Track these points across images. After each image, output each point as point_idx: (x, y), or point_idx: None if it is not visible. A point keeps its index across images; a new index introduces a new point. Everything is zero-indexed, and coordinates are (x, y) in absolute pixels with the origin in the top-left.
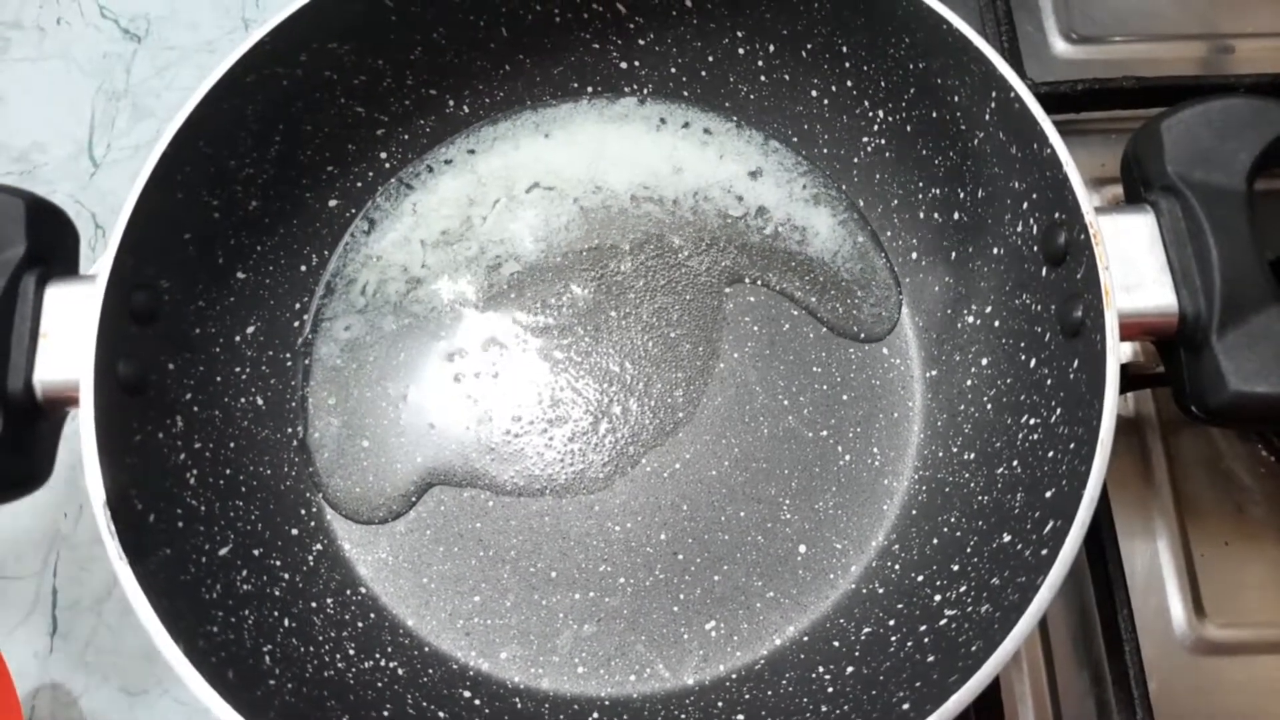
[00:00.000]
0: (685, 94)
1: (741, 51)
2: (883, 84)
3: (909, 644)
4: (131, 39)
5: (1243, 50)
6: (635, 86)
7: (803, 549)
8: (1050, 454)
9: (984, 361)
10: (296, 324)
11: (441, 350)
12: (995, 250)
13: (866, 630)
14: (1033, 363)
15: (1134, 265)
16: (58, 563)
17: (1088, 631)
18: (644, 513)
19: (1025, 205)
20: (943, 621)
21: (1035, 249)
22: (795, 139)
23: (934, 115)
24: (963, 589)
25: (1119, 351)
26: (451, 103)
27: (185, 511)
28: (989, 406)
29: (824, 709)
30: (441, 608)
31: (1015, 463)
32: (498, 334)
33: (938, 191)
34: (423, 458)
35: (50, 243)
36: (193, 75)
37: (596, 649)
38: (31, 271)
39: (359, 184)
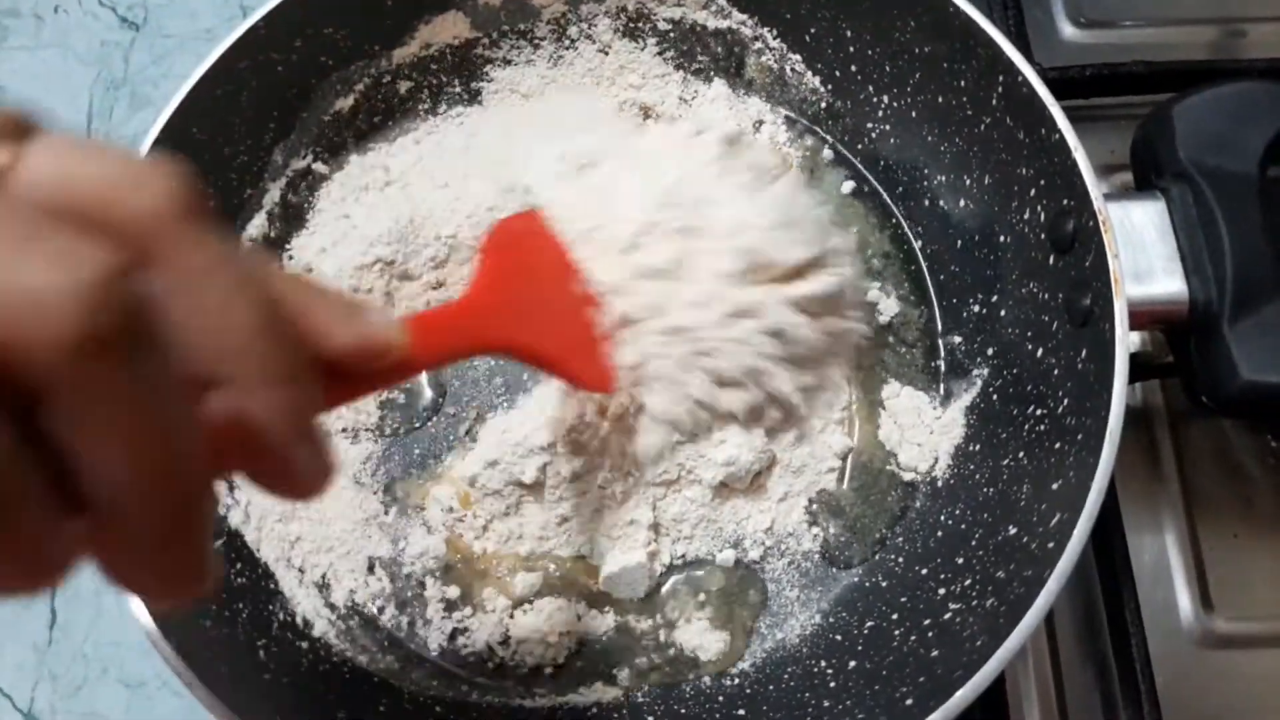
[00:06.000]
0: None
1: (744, 35)
2: (888, 69)
3: (912, 638)
4: (129, 27)
5: (1255, 34)
6: None
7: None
8: (1057, 445)
9: (989, 351)
10: None
11: None
12: (1002, 238)
13: (869, 624)
14: (1040, 352)
15: (1144, 253)
16: None
17: (1094, 625)
18: None
19: (1033, 192)
20: (947, 615)
21: (1043, 236)
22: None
23: (940, 100)
24: (967, 582)
25: (1128, 341)
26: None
27: None
28: (994, 397)
29: (826, 703)
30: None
31: (1021, 454)
32: None
33: (943, 178)
34: None
35: None
36: (191, 63)
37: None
38: None
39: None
